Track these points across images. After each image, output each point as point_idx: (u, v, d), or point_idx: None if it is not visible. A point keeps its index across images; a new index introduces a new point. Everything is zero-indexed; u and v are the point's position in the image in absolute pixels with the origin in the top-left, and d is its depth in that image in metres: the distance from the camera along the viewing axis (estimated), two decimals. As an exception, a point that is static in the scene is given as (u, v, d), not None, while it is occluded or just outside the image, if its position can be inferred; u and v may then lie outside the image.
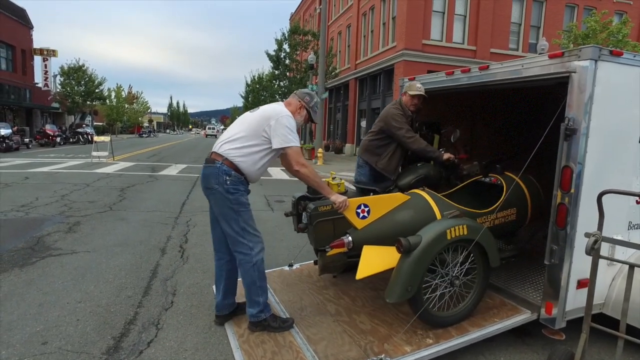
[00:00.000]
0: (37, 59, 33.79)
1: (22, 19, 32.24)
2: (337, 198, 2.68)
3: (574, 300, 2.68)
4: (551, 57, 2.61)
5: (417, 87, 3.71)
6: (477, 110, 4.98)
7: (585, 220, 2.56)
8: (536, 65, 2.73)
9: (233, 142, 2.72)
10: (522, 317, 2.88)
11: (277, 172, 13.26)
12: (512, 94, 4.49)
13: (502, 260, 3.05)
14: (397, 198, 2.87)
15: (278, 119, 2.68)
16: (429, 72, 4.10)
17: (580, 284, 2.66)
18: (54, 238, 5.10)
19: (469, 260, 2.80)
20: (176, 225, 5.94)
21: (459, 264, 2.78)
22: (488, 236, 2.81)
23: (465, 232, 2.66)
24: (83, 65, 36.04)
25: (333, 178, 3.17)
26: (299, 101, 2.90)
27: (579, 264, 2.61)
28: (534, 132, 3.27)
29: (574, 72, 2.48)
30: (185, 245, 5.08)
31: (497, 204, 3.16)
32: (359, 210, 2.71)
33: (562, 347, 2.51)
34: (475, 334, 2.71)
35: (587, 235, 2.25)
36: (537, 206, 3.48)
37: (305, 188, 3.20)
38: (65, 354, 2.60)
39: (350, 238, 2.69)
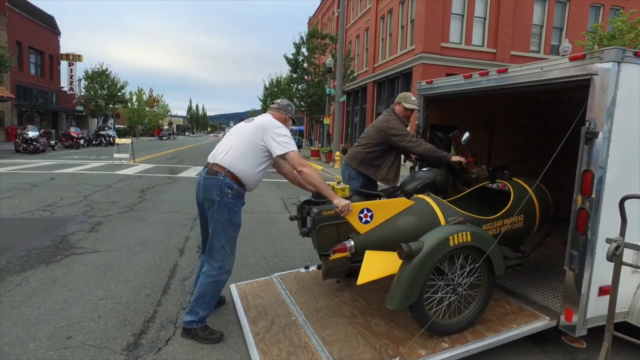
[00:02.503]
0: (63, 64, 35.00)
1: (50, 26, 33.47)
2: (339, 202, 2.66)
3: (596, 307, 2.61)
4: (572, 59, 2.57)
5: (412, 100, 3.74)
6: (495, 114, 4.92)
7: (608, 225, 2.50)
8: (556, 68, 2.69)
9: (234, 153, 2.80)
10: (541, 323, 2.82)
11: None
12: (532, 98, 4.42)
13: (507, 269, 2.97)
14: (400, 203, 2.83)
15: (274, 130, 2.80)
16: (448, 75, 4.06)
17: (602, 291, 2.59)
18: (78, 237, 5.26)
19: (468, 266, 2.71)
20: (194, 227, 6.04)
21: (461, 271, 2.70)
22: (492, 243, 2.71)
23: (469, 239, 2.59)
24: (106, 70, 37.05)
25: (338, 182, 3.15)
26: (285, 114, 3.07)
27: (600, 271, 2.55)
28: (550, 136, 3.21)
29: (596, 75, 2.44)
30: (203, 245, 5.16)
31: (503, 210, 3.09)
32: (362, 215, 2.68)
33: (582, 355, 2.46)
34: (491, 339, 2.67)
35: (608, 241, 2.20)
36: (546, 213, 3.36)
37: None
38: (87, 349, 2.69)
39: (352, 243, 2.66)
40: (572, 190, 2.62)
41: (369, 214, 2.69)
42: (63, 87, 35.20)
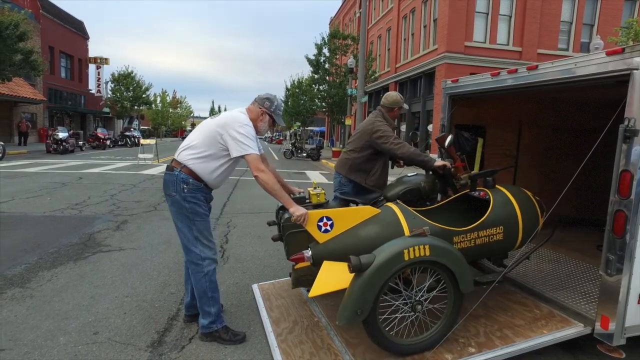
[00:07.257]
0: (91, 67, 36.16)
1: (80, 31, 34.65)
2: (296, 210, 2.52)
3: (636, 315, 2.47)
4: (609, 54, 2.45)
5: (394, 98, 3.65)
6: (524, 114, 4.78)
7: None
8: (591, 64, 2.57)
9: (191, 149, 2.73)
10: (574, 329, 2.70)
11: (316, 176, 13.31)
12: (562, 98, 4.27)
13: (483, 285, 2.77)
14: (364, 212, 2.66)
15: (234, 128, 2.64)
16: (472, 74, 3.95)
17: (642, 298, 2.46)
18: (104, 235, 5.38)
19: (427, 282, 2.53)
20: (217, 226, 6.09)
21: (420, 287, 2.52)
22: (456, 258, 2.48)
23: (428, 253, 2.36)
24: (132, 72, 37.96)
25: (314, 188, 3.01)
26: (260, 108, 2.86)
27: (640, 277, 2.42)
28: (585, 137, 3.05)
29: (636, 69, 2.31)
30: (226, 245, 5.20)
31: (479, 221, 2.84)
32: (321, 224, 2.53)
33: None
34: (522, 345, 2.57)
35: (650, 245, 2.08)
36: (531, 224, 3.02)
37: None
38: (113, 345, 2.73)
39: (310, 252, 2.53)
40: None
41: (329, 222, 2.55)
42: (91, 90, 36.36)
